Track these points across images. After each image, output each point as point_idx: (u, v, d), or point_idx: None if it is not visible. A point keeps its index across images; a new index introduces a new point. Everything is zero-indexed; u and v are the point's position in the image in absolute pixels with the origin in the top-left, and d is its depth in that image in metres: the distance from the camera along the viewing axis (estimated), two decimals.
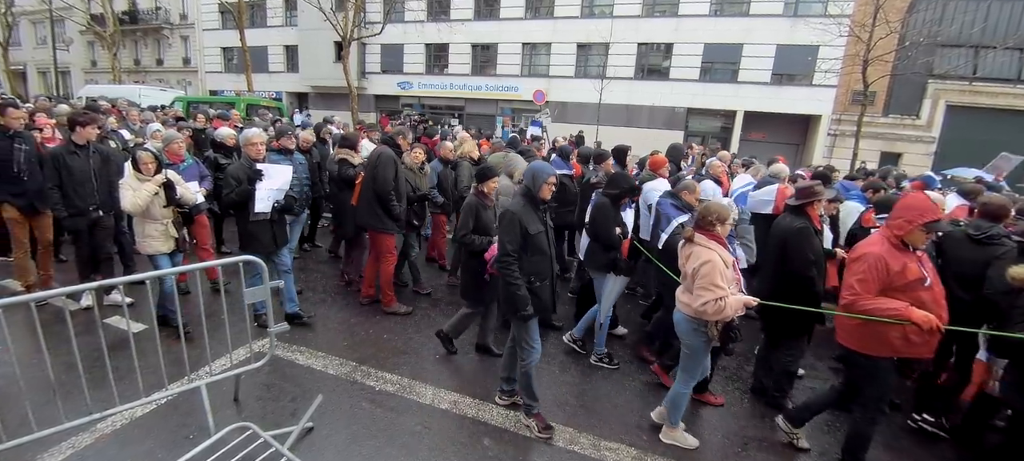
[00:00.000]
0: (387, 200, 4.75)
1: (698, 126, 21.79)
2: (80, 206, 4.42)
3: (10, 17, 25.30)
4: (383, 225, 4.86)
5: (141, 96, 15.45)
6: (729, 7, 20.31)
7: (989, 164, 10.36)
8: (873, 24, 13.07)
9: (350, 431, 3.28)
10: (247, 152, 4.36)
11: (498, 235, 3.22)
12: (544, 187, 3.22)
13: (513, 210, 3.16)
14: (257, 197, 4.21)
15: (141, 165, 3.96)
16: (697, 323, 3.14)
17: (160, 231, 4.11)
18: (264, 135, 4.60)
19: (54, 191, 4.34)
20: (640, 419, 3.68)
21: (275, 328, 3.35)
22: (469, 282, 4.17)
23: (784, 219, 3.79)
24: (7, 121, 4.59)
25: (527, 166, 3.56)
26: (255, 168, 4.23)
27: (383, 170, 4.73)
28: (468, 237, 3.99)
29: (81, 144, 4.43)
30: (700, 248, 3.08)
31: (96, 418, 2.76)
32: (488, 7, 24.22)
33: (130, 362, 2.85)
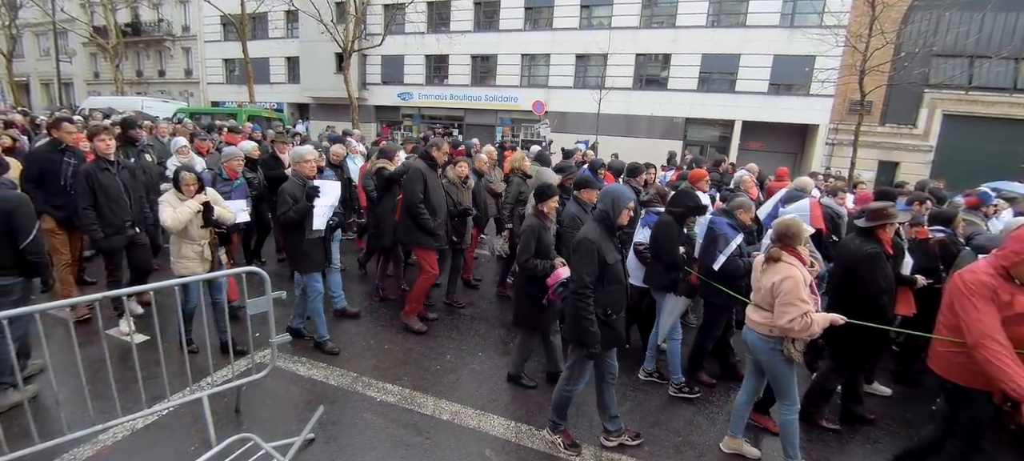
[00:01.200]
0: (417, 214, 4.64)
1: (696, 136, 21.90)
2: (116, 223, 4.31)
3: (14, 29, 25.51)
4: (418, 239, 4.77)
5: (144, 107, 15.54)
6: (726, 18, 20.51)
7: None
8: (869, 34, 13.19)
9: (351, 442, 3.28)
10: (300, 170, 4.26)
11: (575, 265, 3.00)
12: (624, 213, 3.07)
13: (591, 238, 2.99)
14: (314, 214, 4.16)
15: (183, 186, 3.88)
16: (773, 342, 3.01)
17: (196, 252, 3.99)
18: (316, 152, 4.54)
19: (89, 211, 4.21)
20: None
21: (276, 339, 3.36)
22: (526, 308, 3.93)
23: (851, 241, 3.63)
24: (60, 135, 4.62)
25: (606, 189, 3.32)
26: (313, 185, 4.17)
27: (410, 184, 4.65)
28: (531, 262, 3.77)
29: (110, 159, 4.35)
30: (781, 264, 2.97)
31: (98, 430, 2.76)
32: (488, 19, 24.45)
33: (132, 373, 2.86)
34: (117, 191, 4.30)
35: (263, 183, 6.11)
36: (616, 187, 3.27)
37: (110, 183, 4.27)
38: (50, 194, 4.58)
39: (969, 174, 14.30)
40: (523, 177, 5.93)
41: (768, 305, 3.03)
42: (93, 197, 4.20)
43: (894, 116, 18.39)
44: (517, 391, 4.06)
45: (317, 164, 4.51)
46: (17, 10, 25.47)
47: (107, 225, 4.26)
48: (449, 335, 4.99)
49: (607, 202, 3.10)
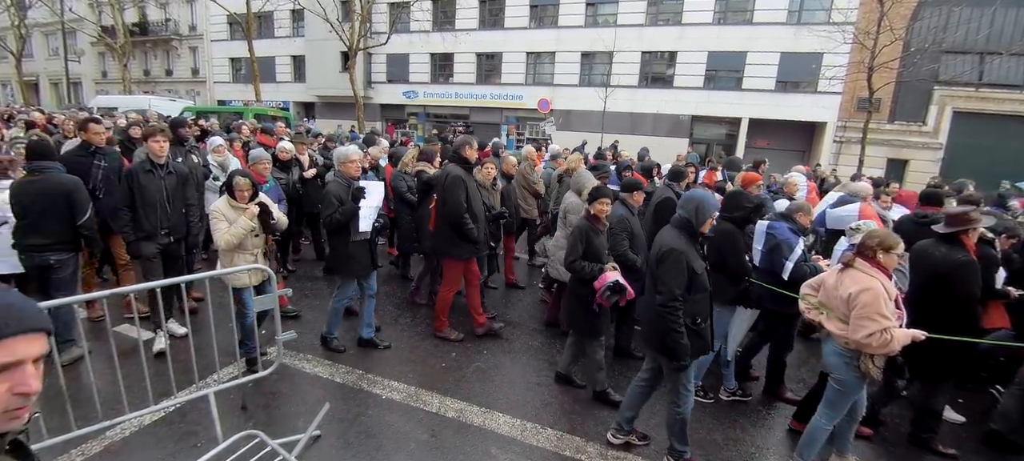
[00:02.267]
0: (461, 224, 4.34)
1: (703, 134, 21.79)
2: (148, 229, 4.07)
3: (23, 29, 25.72)
4: (459, 251, 4.49)
5: (151, 106, 15.65)
6: (732, 15, 20.38)
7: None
8: (877, 31, 13.06)
9: (357, 439, 3.28)
10: (344, 171, 4.10)
11: (662, 276, 2.87)
12: (708, 221, 2.96)
13: (678, 248, 2.87)
14: (360, 216, 4.04)
15: (237, 192, 3.65)
16: (850, 356, 2.87)
17: (250, 263, 3.75)
18: (361, 152, 4.36)
19: (124, 212, 4.02)
20: None
21: (282, 336, 3.36)
22: (577, 312, 3.82)
23: (934, 249, 3.44)
24: (89, 137, 4.47)
25: (689, 195, 3.14)
26: (359, 187, 4.02)
27: (452, 193, 4.31)
28: (578, 263, 3.69)
29: (158, 162, 4.11)
30: (859, 274, 2.82)
31: (105, 426, 2.78)
32: (493, 17, 24.42)
33: (140, 370, 2.88)
34: (156, 196, 4.06)
35: (296, 185, 5.99)
36: (700, 193, 3.11)
37: (150, 186, 4.04)
38: None
39: (980, 172, 14.13)
40: None
41: (844, 317, 2.87)
42: (131, 198, 4.00)
43: (903, 113, 18.21)
44: (522, 389, 4.05)
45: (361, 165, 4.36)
46: (26, 10, 25.67)
47: (139, 229, 4.05)
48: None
49: (690, 209, 2.95)
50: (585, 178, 4.79)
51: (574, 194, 4.74)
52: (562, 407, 3.84)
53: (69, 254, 3.89)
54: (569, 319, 4.00)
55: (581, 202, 4.59)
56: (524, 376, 4.26)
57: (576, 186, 4.78)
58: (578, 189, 4.72)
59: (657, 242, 3.02)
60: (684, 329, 2.85)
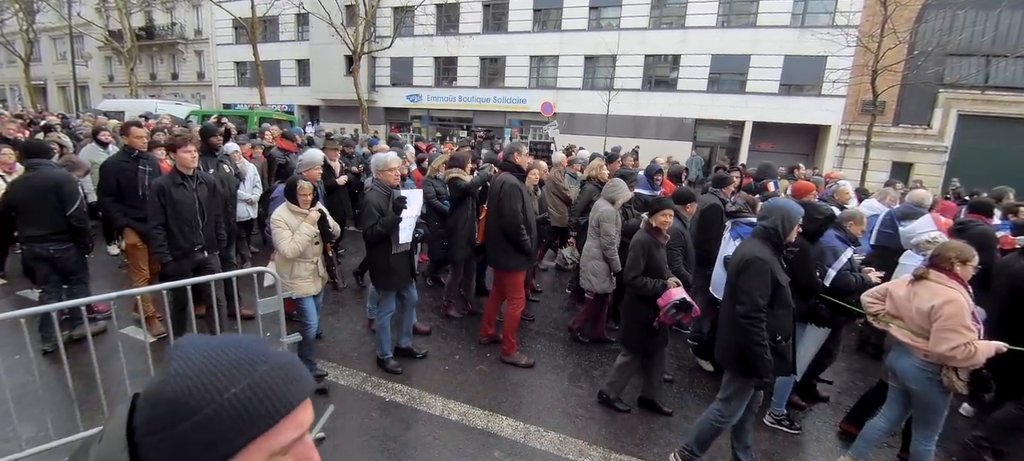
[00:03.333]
0: (518, 235, 4.15)
1: (706, 137, 21.75)
2: (185, 247, 3.84)
3: (32, 33, 25.99)
4: (514, 263, 4.33)
5: (157, 109, 15.78)
6: (736, 18, 20.36)
7: None
8: (881, 34, 13.02)
9: (361, 441, 3.30)
10: (384, 179, 3.92)
11: (744, 286, 2.77)
12: (794, 230, 2.87)
13: (763, 257, 2.77)
14: (400, 227, 3.88)
15: (300, 196, 3.52)
16: (932, 370, 2.81)
17: (310, 271, 3.63)
18: (400, 160, 4.23)
19: (159, 231, 3.77)
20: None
21: (287, 339, 3.38)
22: (635, 329, 3.67)
23: (1016, 262, 3.39)
24: (131, 141, 4.30)
25: (774, 204, 3.00)
26: (400, 196, 3.84)
27: (510, 202, 4.14)
28: (640, 279, 3.52)
29: (188, 173, 3.87)
30: (938, 286, 2.78)
31: None
32: (496, 21, 24.49)
33: (146, 369, 2.90)
34: (190, 210, 3.83)
35: (321, 193, 5.95)
36: (784, 202, 3.01)
37: (183, 199, 3.80)
38: (130, 205, 4.26)
39: (985, 175, 14.05)
40: (598, 185, 5.51)
41: (921, 329, 2.82)
42: (163, 215, 3.76)
43: (908, 116, 18.12)
44: (525, 393, 4.05)
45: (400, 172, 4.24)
46: (35, 15, 25.96)
47: (175, 247, 3.80)
48: (457, 336, 5.00)
49: (776, 218, 2.84)
50: (620, 186, 4.63)
51: (607, 202, 4.58)
52: (565, 411, 3.84)
53: (67, 244, 4.03)
54: (624, 336, 3.81)
55: (615, 211, 4.50)
56: (528, 380, 4.26)
57: (609, 194, 4.62)
58: (612, 197, 4.58)
59: (739, 252, 2.92)
60: (767, 344, 2.72)
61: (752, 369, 2.79)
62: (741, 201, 4.47)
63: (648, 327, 3.56)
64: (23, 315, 2.46)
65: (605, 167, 5.75)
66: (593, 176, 5.64)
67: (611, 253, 4.45)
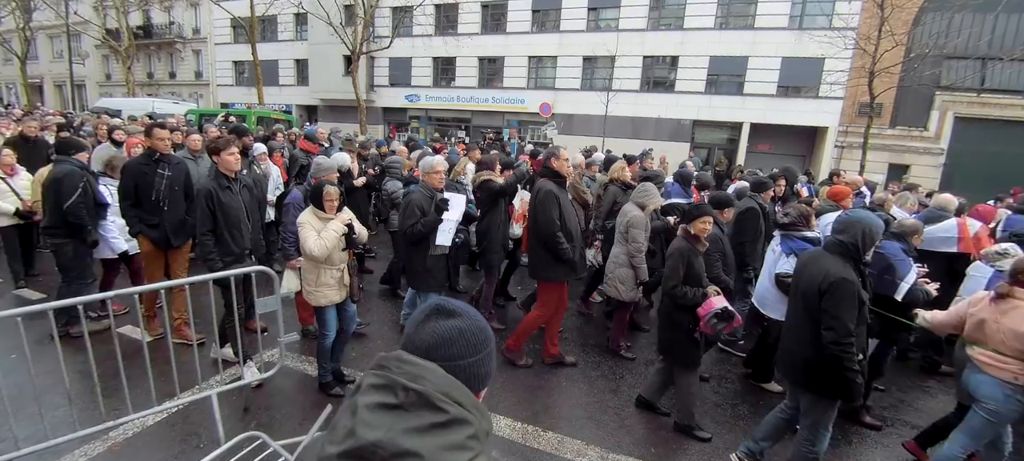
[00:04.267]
0: (554, 244, 4.01)
1: (704, 138, 21.80)
2: (236, 251, 3.72)
3: (28, 31, 25.90)
4: (554, 273, 4.17)
5: (154, 109, 15.74)
6: (734, 20, 20.42)
7: None
8: (878, 36, 13.08)
9: None
10: (428, 181, 3.94)
11: (832, 310, 2.64)
12: (873, 247, 2.79)
13: (849, 279, 2.64)
14: (440, 229, 3.86)
15: (326, 203, 3.42)
16: (1014, 389, 2.75)
17: (335, 279, 3.52)
18: (445, 163, 4.15)
19: (209, 238, 3.62)
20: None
21: (285, 338, 3.38)
22: (675, 340, 3.53)
23: None
24: (152, 143, 4.11)
25: (854, 217, 2.87)
26: (443, 198, 3.83)
27: (545, 210, 3.99)
28: (680, 289, 3.39)
29: (230, 177, 3.76)
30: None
31: (109, 426, 2.79)
32: (495, 21, 24.51)
33: (143, 371, 2.89)
34: (238, 214, 3.75)
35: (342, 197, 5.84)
36: (864, 215, 2.91)
37: (231, 204, 3.69)
38: (145, 211, 4.10)
39: (981, 178, 14.14)
40: (622, 187, 5.34)
41: (1013, 351, 2.72)
42: (213, 221, 3.63)
43: (904, 119, 18.20)
44: (523, 393, 4.05)
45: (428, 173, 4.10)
46: (31, 13, 25.86)
47: (226, 253, 3.68)
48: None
49: (857, 233, 2.72)
50: (651, 191, 4.47)
51: (636, 207, 4.45)
52: (562, 411, 3.84)
53: (62, 239, 4.15)
54: (663, 347, 3.68)
55: (644, 216, 4.40)
56: (525, 380, 4.26)
57: (639, 199, 4.48)
58: (642, 203, 4.44)
59: (819, 271, 2.74)
60: (859, 368, 2.63)
61: (838, 392, 2.70)
62: (795, 213, 4.07)
63: (690, 338, 3.44)
64: (19, 314, 2.45)
65: (627, 169, 5.60)
66: (616, 177, 5.45)
67: (639, 261, 4.35)
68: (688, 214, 3.60)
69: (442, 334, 0.89)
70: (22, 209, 5.26)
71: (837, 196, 4.49)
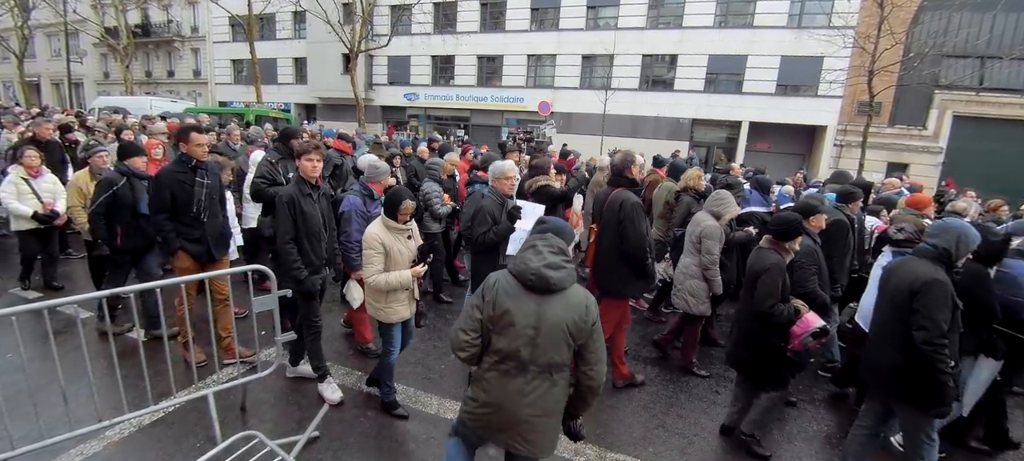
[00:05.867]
0: (644, 261, 3.77)
1: (703, 137, 21.81)
2: (315, 262, 3.55)
3: (26, 30, 25.80)
4: (631, 289, 3.93)
5: (152, 107, 15.70)
6: (733, 18, 20.42)
7: None
8: (878, 35, 13.07)
9: (356, 441, 3.29)
10: (499, 187, 3.77)
11: (924, 310, 2.57)
12: (966, 256, 2.74)
13: (942, 279, 2.59)
14: (512, 238, 3.65)
15: (400, 215, 3.20)
16: None
17: (407, 294, 3.33)
18: (516, 168, 3.91)
19: (291, 247, 3.43)
20: None
21: (282, 337, 3.37)
22: (765, 360, 3.29)
23: None
24: (190, 149, 3.75)
25: (947, 225, 2.79)
26: (515, 206, 3.65)
27: (634, 226, 3.70)
28: (777, 307, 3.14)
29: (312, 184, 3.56)
30: None
31: (105, 425, 2.79)
32: (494, 20, 24.48)
33: (139, 370, 2.89)
34: (318, 223, 3.56)
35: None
36: (958, 223, 2.86)
37: (312, 212, 3.51)
38: (184, 224, 3.75)
39: (980, 177, 14.15)
40: (696, 196, 5.04)
41: None
42: (295, 229, 3.45)
43: (903, 117, 18.22)
44: None
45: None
46: (29, 11, 25.77)
47: (307, 262, 3.50)
48: None
49: (949, 240, 2.70)
50: (727, 200, 4.27)
51: (711, 217, 4.25)
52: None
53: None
54: (744, 367, 3.45)
55: (719, 226, 4.22)
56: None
57: (715, 208, 4.28)
58: (718, 212, 4.25)
59: (909, 273, 2.71)
60: (951, 373, 2.56)
61: (930, 399, 2.63)
62: (910, 227, 3.79)
63: (783, 357, 3.23)
64: (14, 313, 2.44)
65: (704, 177, 5.24)
66: (690, 186, 5.13)
67: (713, 273, 4.19)
68: (785, 231, 3.29)
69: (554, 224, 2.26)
70: (41, 212, 5.01)
71: (919, 205, 4.18)
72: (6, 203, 4.95)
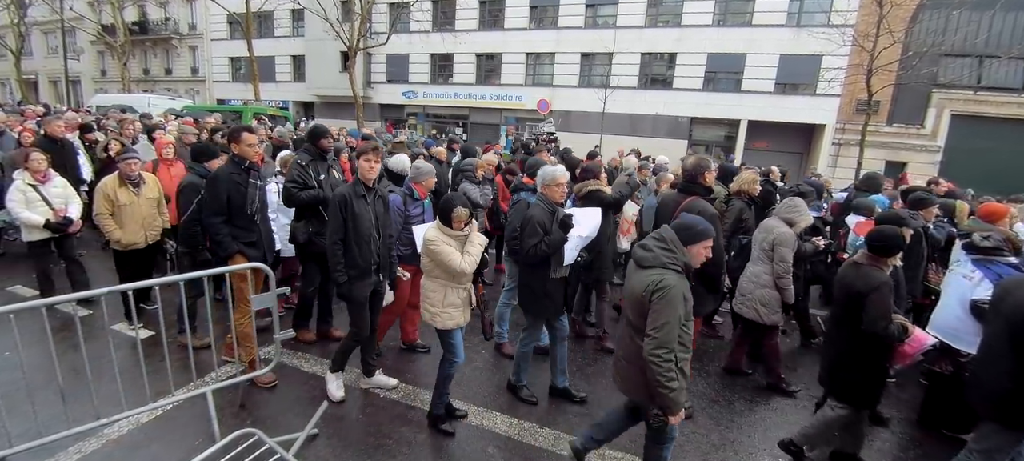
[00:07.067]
0: (718, 276, 3.64)
1: (702, 135, 21.82)
2: (363, 266, 3.45)
3: (23, 27, 25.69)
4: (701, 307, 3.72)
5: (150, 105, 15.64)
6: (732, 17, 20.42)
7: None
8: (876, 34, 13.09)
9: (354, 438, 3.29)
10: (549, 195, 3.57)
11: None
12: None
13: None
14: (565, 248, 3.49)
15: (455, 221, 3.09)
16: None
17: (462, 298, 3.24)
18: (568, 174, 3.78)
19: (338, 247, 3.36)
20: None
21: (280, 335, 3.37)
22: (863, 379, 3.14)
23: None
24: (242, 150, 3.66)
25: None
26: (567, 214, 3.47)
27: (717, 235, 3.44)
28: (891, 327, 2.97)
29: (368, 185, 3.49)
30: None
31: (103, 423, 2.78)
32: (492, 17, 24.44)
33: (137, 368, 2.88)
34: (369, 226, 3.47)
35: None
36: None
37: (363, 214, 3.43)
38: (239, 226, 3.67)
39: (978, 176, 14.18)
40: (748, 201, 4.82)
41: None
42: (344, 229, 3.38)
43: (901, 116, 18.25)
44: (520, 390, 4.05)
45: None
46: (26, 8, 25.65)
47: (352, 266, 3.42)
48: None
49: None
50: (801, 207, 4.12)
51: (783, 224, 4.09)
52: (558, 407, 3.84)
53: None
54: (842, 390, 3.23)
55: (792, 234, 4.07)
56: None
57: (788, 215, 4.13)
58: (791, 219, 4.10)
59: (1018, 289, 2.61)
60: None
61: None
62: (999, 236, 3.61)
63: (884, 377, 3.11)
64: (12, 310, 2.43)
65: (758, 182, 5.02)
66: (744, 191, 4.85)
67: (786, 281, 4.01)
68: (887, 247, 3.05)
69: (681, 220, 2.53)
70: (53, 220, 4.69)
71: (993, 216, 3.91)
72: (15, 213, 4.64)
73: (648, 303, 2.36)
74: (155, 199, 4.59)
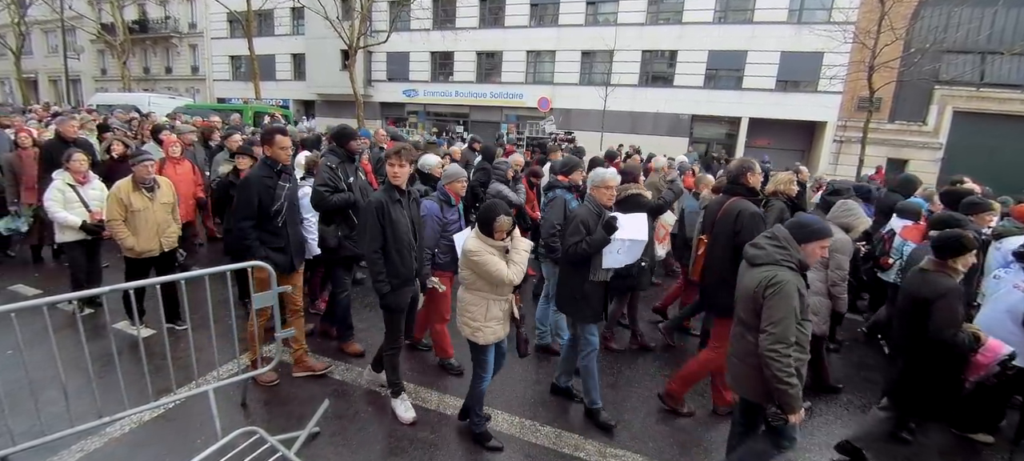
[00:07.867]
0: None
1: (703, 133, 21.80)
2: (404, 274, 3.33)
3: (23, 26, 25.68)
4: None
5: (150, 104, 15.64)
6: (733, 14, 20.37)
7: None
8: (878, 31, 13.04)
9: (356, 437, 3.29)
10: (597, 196, 3.49)
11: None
12: None
13: None
14: (606, 250, 3.40)
15: (497, 231, 2.91)
16: None
17: (504, 311, 3.10)
18: (618, 177, 3.65)
19: (379, 256, 3.24)
20: None
21: (281, 333, 3.37)
22: (932, 390, 3.01)
23: None
24: (274, 152, 3.54)
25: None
26: (611, 216, 3.35)
27: (752, 238, 3.35)
28: (959, 336, 2.83)
29: (401, 190, 3.36)
30: None
31: (105, 422, 2.78)
32: (493, 15, 24.40)
33: (139, 366, 2.88)
34: (407, 231, 3.33)
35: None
36: None
37: (400, 220, 3.29)
38: (268, 231, 3.57)
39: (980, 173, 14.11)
40: (787, 202, 4.61)
41: None
42: (383, 238, 3.24)
43: (903, 113, 18.21)
44: (520, 388, 4.05)
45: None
46: (26, 8, 25.64)
47: (393, 274, 3.29)
48: (453, 333, 4.97)
49: None
50: (856, 212, 3.96)
51: (840, 229, 3.86)
52: (560, 405, 3.84)
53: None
54: (910, 404, 3.11)
55: (849, 240, 3.92)
56: (524, 375, 4.26)
57: (843, 220, 3.94)
58: (847, 224, 3.92)
59: None
60: None
61: None
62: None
63: (959, 389, 2.98)
64: (13, 309, 2.43)
65: (795, 182, 4.83)
66: (782, 191, 4.63)
67: (840, 289, 3.83)
68: (951, 248, 2.92)
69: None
70: (90, 222, 4.57)
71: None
72: (52, 212, 4.54)
73: (762, 299, 2.38)
74: (170, 204, 4.44)
